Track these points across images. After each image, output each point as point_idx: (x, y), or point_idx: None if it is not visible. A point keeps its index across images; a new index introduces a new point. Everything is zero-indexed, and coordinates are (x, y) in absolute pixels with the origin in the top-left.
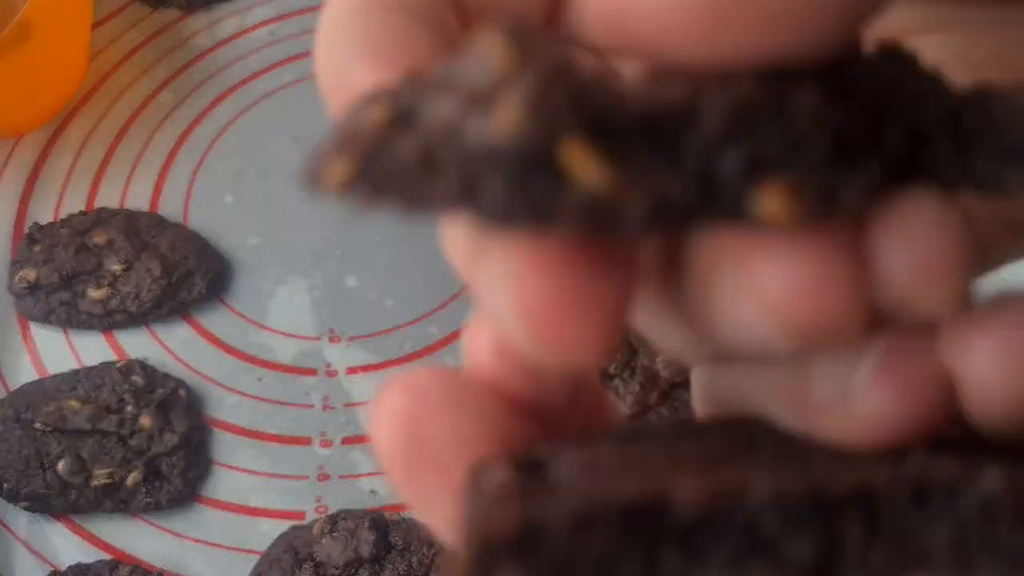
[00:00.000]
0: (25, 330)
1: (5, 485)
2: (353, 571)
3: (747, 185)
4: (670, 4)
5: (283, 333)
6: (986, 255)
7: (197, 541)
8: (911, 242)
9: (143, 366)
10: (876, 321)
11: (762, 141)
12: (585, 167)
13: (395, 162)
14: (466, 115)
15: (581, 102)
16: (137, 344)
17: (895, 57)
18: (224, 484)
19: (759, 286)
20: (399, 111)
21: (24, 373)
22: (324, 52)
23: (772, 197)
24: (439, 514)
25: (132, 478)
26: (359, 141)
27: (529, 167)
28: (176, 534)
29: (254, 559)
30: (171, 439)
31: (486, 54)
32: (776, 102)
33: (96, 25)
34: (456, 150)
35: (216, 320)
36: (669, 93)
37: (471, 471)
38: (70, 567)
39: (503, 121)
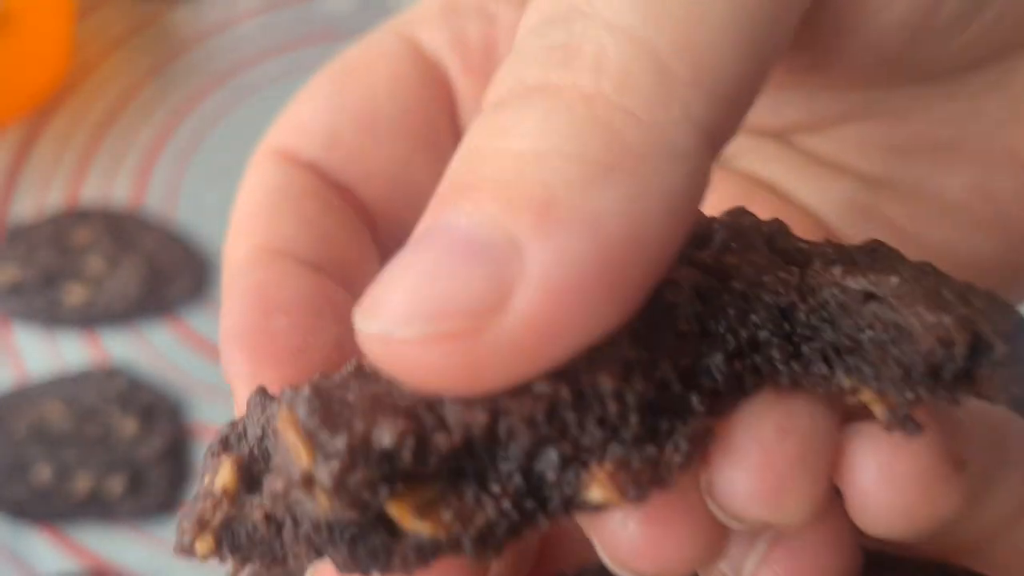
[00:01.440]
0: (6, 329)
1: None
2: None
3: (571, 482)
4: (429, 365)
5: None
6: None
7: None
8: (745, 467)
9: (127, 371)
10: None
11: (572, 437)
12: (409, 520)
13: (249, 531)
14: (294, 494)
15: (384, 470)
16: (120, 344)
17: (738, 231)
18: None
19: (605, 546)
20: (243, 475)
21: (5, 373)
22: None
23: (598, 486)
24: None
25: (115, 485)
26: (213, 514)
27: (358, 533)
28: (160, 542)
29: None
30: (155, 445)
31: (286, 445)
32: (575, 397)
33: (80, 17)
34: (295, 524)
35: (201, 320)
36: (474, 418)
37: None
38: None
39: (320, 503)
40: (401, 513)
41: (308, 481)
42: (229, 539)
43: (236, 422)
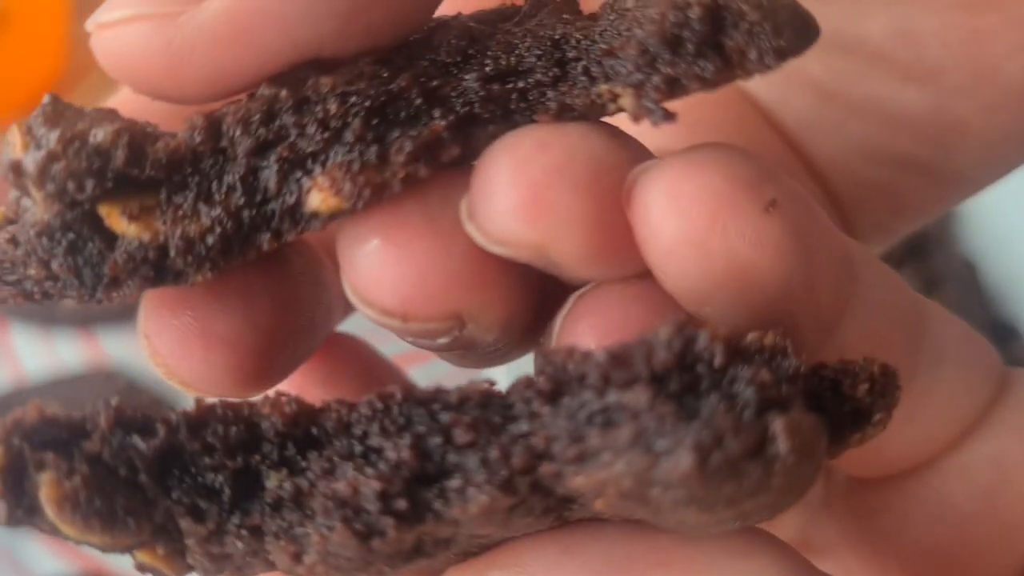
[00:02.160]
0: (4, 330)
1: None
2: None
3: (293, 190)
4: (132, 50)
5: None
6: (903, 212)
7: None
8: (502, 181)
9: (125, 372)
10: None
11: (292, 141)
12: (118, 222)
13: None
14: (20, 194)
15: (93, 165)
16: (117, 345)
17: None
18: None
19: (348, 278)
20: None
21: (2, 374)
22: None
23: (317, 190)
24: None
25: None
26: None
27: (75, 240)
28: None
29: None
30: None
31: (7, 142)
32: (296, 99)
33: (77, 15)
34: (27, 237)
35: None
36: (193, 125)
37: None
38: None
39: (35, 199)
40: (111, 214)
41: (16, 170)
42: None
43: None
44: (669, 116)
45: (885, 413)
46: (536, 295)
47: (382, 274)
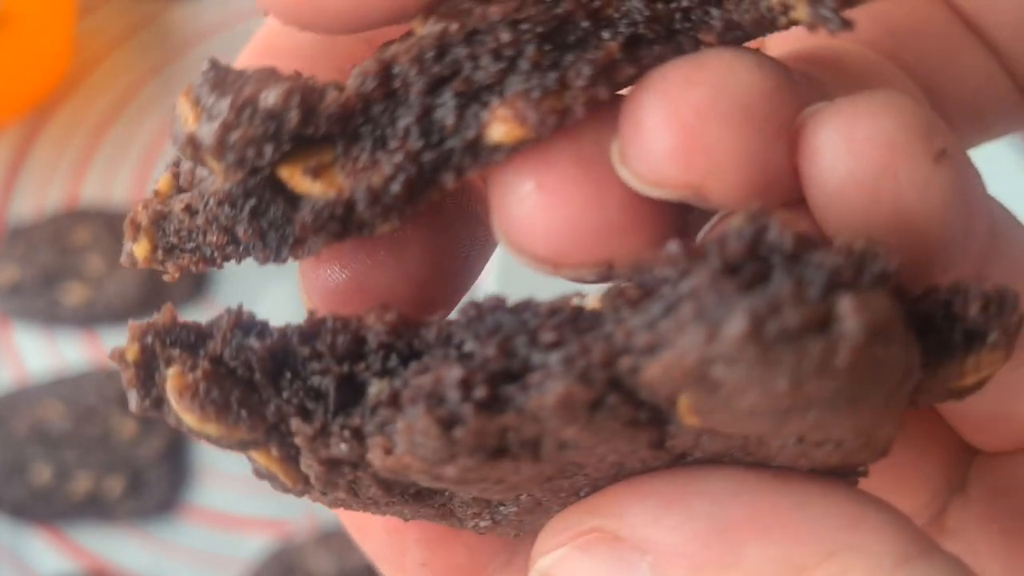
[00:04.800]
0: (6, 329)
1: None
2: None
3: (471, 124)
4: None
5: None
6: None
7: (181, 550)
8: (652, 122)
9: None
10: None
11: (467, 75)
12: (300, 181)
13: (176, 226)
14: (189, 163)
15: (269, 129)
16: (120, 343)
17: None
18: (209, 492)
19: (500, 222)
20: (181, 177)
21: (5, 373)
22: None
23: (498, 122)
24: None
25: (115, 485)
26: (143, 214)
27: (257, 204)
28: (159, 543)
29: (239, 569)
30: (154, 446)
31: (177, 114)
32: (466, 32)
33: (79, 16)
34: (206, 206)
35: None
36: (365, 71)
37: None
38: None
39: (213, 170)
40: (292, 175)
41: (193, 143)
42: (163, 240)
43: None
44: (847, 24)
45: (1002, 334)
46: (680, 228)
47: (535, 221)
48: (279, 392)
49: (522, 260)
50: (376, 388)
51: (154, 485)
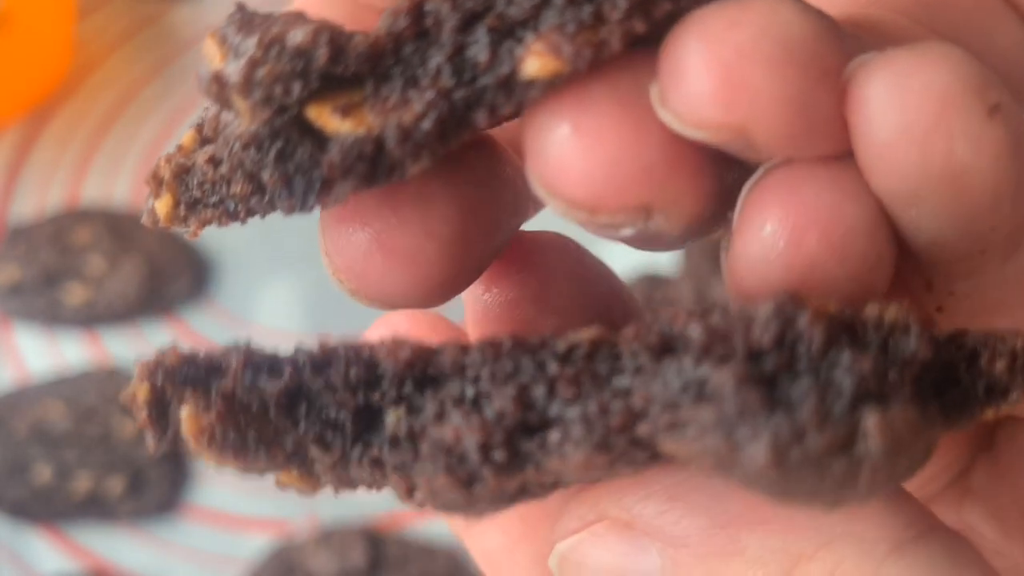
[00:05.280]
0: (7, 329)
1: None
2: None
3: (505, 60)
4: None
5: (272, 333)
6: None
7: (182, 550)
8: (693, 61)
9: (127, 370)
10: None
11: (500, 10)
12: (328, 119)
13: (199, 180)
14: (218, 110)
15: (297, 67)
16: (121, 344)
17: None
18: (210, 492)
19: (534, 165)
20: (204, 129)
21: (5, 373)
22: None
23: (534, 57)
24: None
25: (115, 485)
26: (166, 167)
27: (283, 147)
28: (160, 543)
29: (240, 569)
30: None
31: (204, 55)
32: None
33: (80, 16)
34: (231, 153)
35: (202, 319)
36: (395, 15)
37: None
38: None
39: (238, 109)
40: (321, 114)
41: (219, 81)
42: (186, 195)
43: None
44: None
45: (1022, 392)
46: (721, 183)
47: (572, 163)
48: (296, 424)
49: (557, 206)
50: (393, 418)
51: (155, 485)
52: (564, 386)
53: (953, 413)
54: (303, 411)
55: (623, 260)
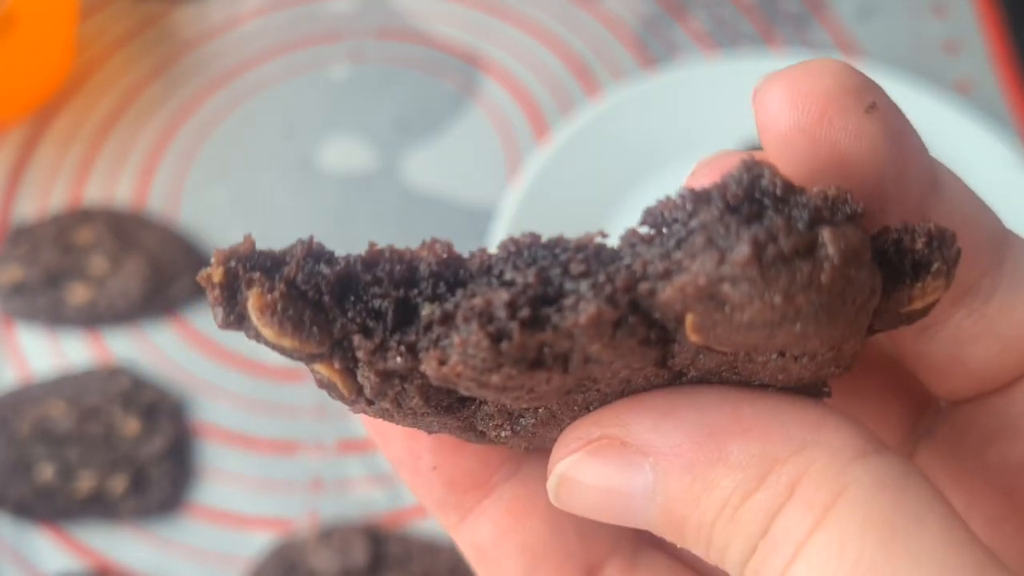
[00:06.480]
0: (10, 329)
1: None
2: None
3: None
4: None
5: None
6: None
7: (184, 549)
8: None
9: (129, 370)
10: None
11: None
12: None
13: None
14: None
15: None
16: (123, 344)
17: None
18: (213, 491)
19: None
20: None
21: (9, 372)
22: None
23: None
24: None
25: (118, 484)
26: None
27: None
28: (162, 541)
29: (242, 567)
30: (158, 444)
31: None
32: None
33: (82, 17)
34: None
35: (204, 319)
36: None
37: None
38: None
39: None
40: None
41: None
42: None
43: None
44: None
45: (943, 263)
46: None
47: None
48: (344, 312)
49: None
50: (428, 310)
51: (157, 484)
52: (576, 265)
53: (888, 286)
54: (351, 301)
55: None
